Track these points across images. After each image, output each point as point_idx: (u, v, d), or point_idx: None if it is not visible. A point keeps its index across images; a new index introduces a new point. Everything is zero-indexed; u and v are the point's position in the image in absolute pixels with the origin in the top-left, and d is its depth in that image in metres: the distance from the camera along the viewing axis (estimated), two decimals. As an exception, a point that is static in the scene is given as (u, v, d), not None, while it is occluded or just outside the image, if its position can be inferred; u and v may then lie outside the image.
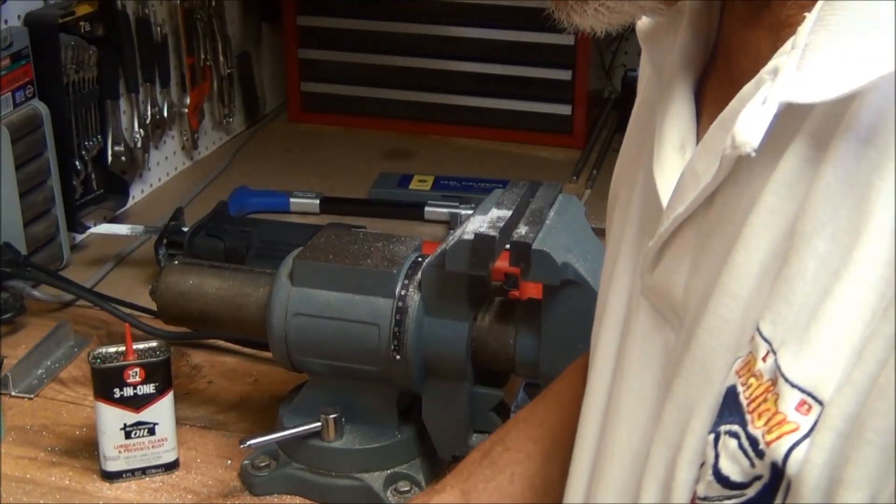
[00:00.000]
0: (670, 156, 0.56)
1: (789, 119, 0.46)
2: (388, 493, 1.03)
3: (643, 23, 0.60)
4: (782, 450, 0.43)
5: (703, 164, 0.51)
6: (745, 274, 0.47)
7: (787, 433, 0.43)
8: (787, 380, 0.43)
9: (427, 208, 1.63)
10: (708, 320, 0.49)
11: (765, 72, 0.46)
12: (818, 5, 0.45)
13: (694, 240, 0.53)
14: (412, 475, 1.04)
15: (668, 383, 0.53)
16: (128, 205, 1.64)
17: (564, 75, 1.88)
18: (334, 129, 2.00)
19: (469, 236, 0.96)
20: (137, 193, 1.69)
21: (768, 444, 0.43)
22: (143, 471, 1.07)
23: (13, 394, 1.19)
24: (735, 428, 0.45)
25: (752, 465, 0.44)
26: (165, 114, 1.69)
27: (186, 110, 1.76)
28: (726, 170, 0.49)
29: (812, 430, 0.42)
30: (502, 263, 1.00)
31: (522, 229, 1.00)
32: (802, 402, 0.43)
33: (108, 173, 1.57)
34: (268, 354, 1.13)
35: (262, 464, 1.06)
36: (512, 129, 1.92)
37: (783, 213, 0.46)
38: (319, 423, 1.04)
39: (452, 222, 1.59)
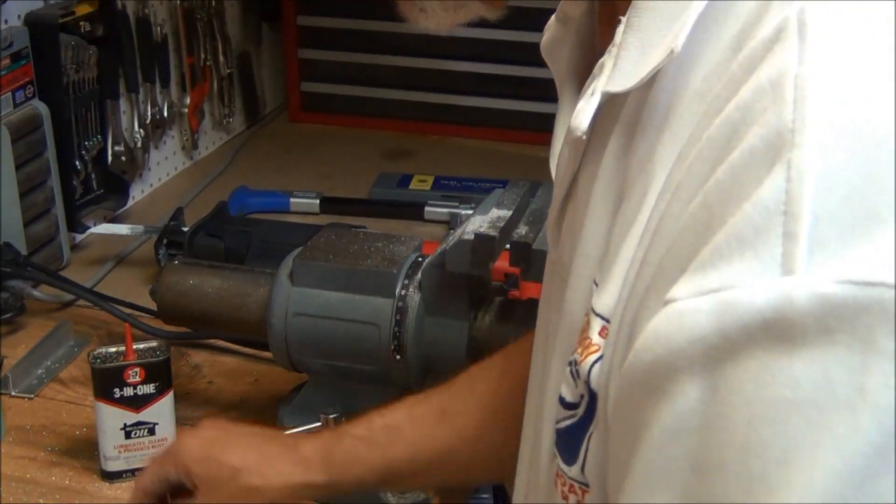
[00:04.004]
0: (559, 146, 0.63)
1: (613, 107, 0.53)
2: (389, 493, 1.03)
3: (545, 39, 0.67)
4: (586, 368, 0.51)
5: (568, 149, 0.58)
6: (592, 236, 0.54)
7: (591, 353, 0.51)
8: (594, 312, 0.51)
9: (427, 208, 1.63)
10: (572, 281, 0.56)
11: (596, 68, 0.53)
12: (629, 8, 0.51)
13: (570, 222, 0.60)
14: (412, 475, 1.04)
15: (552, 342, 0.59)
16: (128, 205, 1.64)
17: (564, 75, 1.88)
18: (334, 129, 1.99)
19: (469, 236, 0.96)
20: (137, 193, 1.69)
21: (579, 363, 0.51)
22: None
23: (13, 394, 1.19)
24: (570, 358, 0.53)
25: (576, 385, 0.52)
26: (165, 114, 1.69)
27: (186, 110, 1.76)
28: (574, 152, 0.57)
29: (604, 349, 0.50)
30: (502, 263, 1.00)
31: (522, 229, 1.00)
32: (603, 328, 0.50)
33: (108, 173, 1.57)
34: (268, 354, 1.13)
35: (262, 464, 1.06)
36: (512, 129, 1.92)
37: (615, 183, 0.53)
38: (319, 423, 1.03)
39: (452, 222, 1.59)
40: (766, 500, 0.39)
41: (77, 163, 1.50)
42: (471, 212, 1.14)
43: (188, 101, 1.76)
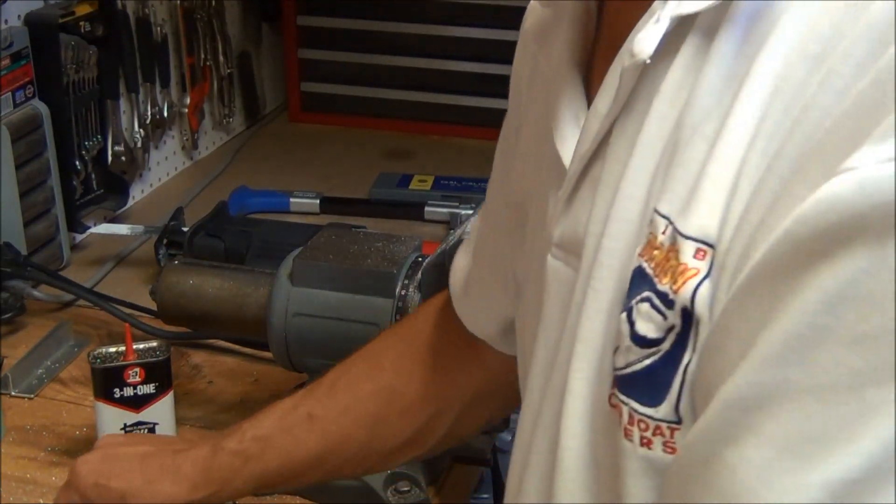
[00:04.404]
0: (568, 126, 0.62)
1: (675, 36, 0.52)
2: (388, 493, 1.03)
3: (531, 23, 0.66)
4: (688, 293, 0.49)
5: (604, 100, 0.57)
6: (641, 176, 0.53)
7: (690, 277, 0.49)
8: (683, 235, 0.49)
9: (427, 208, 1.63)
10: (611, 226, 0.55)
11: (656, 4, 0.52)
12: None
13: (594, 182, 0.58)
14: (412, 475, 1.04)
15: (578, 305, 0.57)
16: (128, 205, 1.64)
17: (564, 75, 1.88)
18: (334, 129, 2.00)
19: (469, 236, 0.96)
20: (137, 193, 1.69)
21: (676, 292, 0.49)
22: (143, 471, 1.06)
23: (13, 394, 1.20)
24: (646, 294, 0.51)
25: (665, 317, 0.50)
26: (165, 114, 1.69)
27: (186, 110, 1.76)
28: (628, 85, 0.55)
29: (710, 270, 0.48)
30: (502, 263, 0.99)
31: (522, 229, 0.99)
32: (698, 251, 0.49)
33: (108, 173, 1.57)
34: (268, 354, 1.13)
35: (262, 464, 1.06)
36: (512, 129, 1.92)
37: (671, 118, 0.52)
38: (319, 423, 1.03)
39: (452, 222, 1.59)
40: None
41: (77, 163, 1.50)
42: (471, 212, 1.14)
43: (188, 101, 1.76)
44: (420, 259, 1.03)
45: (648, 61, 0.52)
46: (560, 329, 0.61)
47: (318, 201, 1.66)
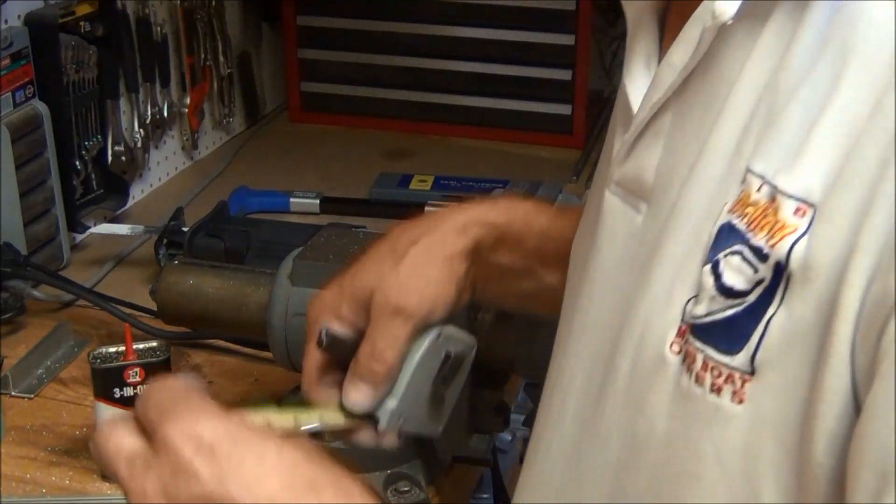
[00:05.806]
0: (639, 70, 0.64)
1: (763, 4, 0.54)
2: (388, 493, 1.03)
3: None
4: (784, 248, 0.51)
5: (679, 54, 0.58)
6: (729, 135, 0.55)
7: (788, 234, 0.51)
8: (784, 193, 0.51)
9: (427, 208, 1.63)
10: (695, 180, 0.57)
11: None
12: None
13: (669, 125, 0.60)
14: (412, 475, 1.04)
15: (651, 251, 0.59)
16: (128, 205, 1.64)
17: (564, 75, 1.88)
18: (334, 129, 1.99)
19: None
20: (137, 193, 1.69)
21: (772, 247, 0.51)
22: (143, 471, 1.06)
23: (13, 394, 1.19)
24: (737, 247, 0.53)
25: (756, 270, 0.52)
26: (165, 114, 1.69)
27: (186, 110, 1.76)
28: (707, 43, 0.56)
29: (809, 227, 0.50)
30: (502, 263, 0.99)
31: (522, 229, 0.99)
32: (798, 209, 0.51)
33: (108, 173, 1.57)
34: (268, 354, 1.13)
35: (262, 464, 1.06)
36: (512, 129, 1.92)
37: (762, 81, 0.54)
38: (318, 425, 1.03)
39: (452, 222, 1.59)
40: None
41: (77, 163, 1.50)
42: (471, 212, 1.13)
43: (188, 101, 1.76)
44: (420, 259, 1.03)
45: (729, 23, 0.53)
46: (618, 265, 0.62)
47: (318, 201, 1.66)
